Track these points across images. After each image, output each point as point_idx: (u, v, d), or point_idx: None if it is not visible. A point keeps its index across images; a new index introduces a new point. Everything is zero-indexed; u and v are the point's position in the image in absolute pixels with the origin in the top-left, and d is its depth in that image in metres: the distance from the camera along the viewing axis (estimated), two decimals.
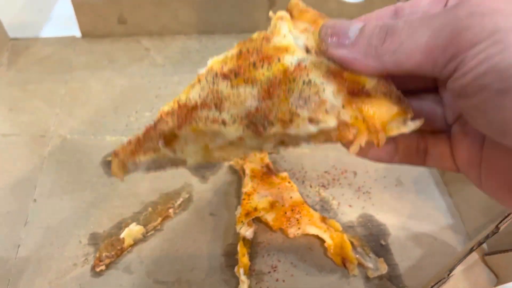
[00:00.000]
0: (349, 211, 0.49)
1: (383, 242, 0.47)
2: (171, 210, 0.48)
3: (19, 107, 0.60)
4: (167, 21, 0.70)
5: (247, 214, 0.43)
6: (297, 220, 0.44)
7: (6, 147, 0.54)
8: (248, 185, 0.46)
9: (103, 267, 0.44)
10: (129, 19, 0.69)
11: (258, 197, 0.45)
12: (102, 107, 0.60)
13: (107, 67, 0.66)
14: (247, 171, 0.48)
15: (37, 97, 0.61)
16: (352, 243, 0.45)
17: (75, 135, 0.56)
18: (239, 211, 0.46)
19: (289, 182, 0.47)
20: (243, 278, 0.42)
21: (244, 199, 0.45)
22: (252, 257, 0.45)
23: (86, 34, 0.70)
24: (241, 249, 0.43)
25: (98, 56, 0.68)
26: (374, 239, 0.47)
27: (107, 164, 0.53)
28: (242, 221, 0.43)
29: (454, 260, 0.42)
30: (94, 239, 0.46)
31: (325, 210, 0.49)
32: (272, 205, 0.44)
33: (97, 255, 0.44)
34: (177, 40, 0.71)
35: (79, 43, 0.70)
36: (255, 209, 0.44)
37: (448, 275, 0.37)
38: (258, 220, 0.46)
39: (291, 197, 0.45)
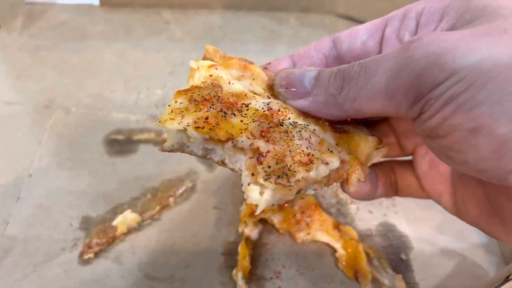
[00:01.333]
0: (369, 217, 0.44)
1: (403, 257, 0.41)
2: (171, 199, 0.44)
3: (27, 74, 0.56)
4: None
5: (252, 214, 0.39)
6: (307, 224, 0.39)
7: (8, 116, 0.51)
8: None
9: (91, 255, 0.40)
10: None
11: None
12: (112, 80, 0.56)
13: (123, 38, 0.62)
14: None
15: (46, 65, 0.58)
16: (367, 255, 0.40)
17: (81, 109, 0.52)
18: (244, 207, 0.41)
19: None
20: (240, 283, 0.37)
21: None
22: (254, 260, 0.40)
23: (105, 2, 0.66)
24: (242, 250, 0.39)
25: (114, 26, 0.64)
26: (394, 252, 0.41)
27: (110, 142, 0.49)
28: (245, 222, 0.39)
29: (485, 286, 0.36)
30: (86, 223, 0.42)
31: (341, 214, 0.44)
32: (281, 206, 0.39)
33: (87, 241, 0.41)
34: (200, 15, 0.66)
35: (97, 12, 0.66)
36: None
37: None
38: (264, 221, 0.41)
39: (302, 198, 0.40)
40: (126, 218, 0.42)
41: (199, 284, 0.39)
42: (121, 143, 0.49)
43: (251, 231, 0.40)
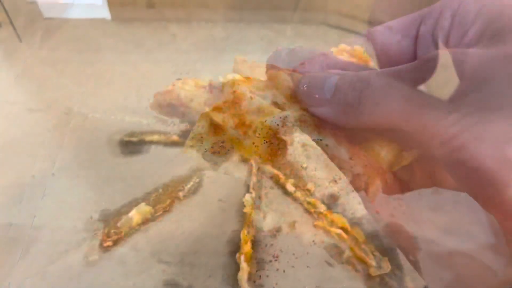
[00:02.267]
0: (376, 217, 0.44)
1: (411, 258, 0.41)
2: (180, 193, 0.49)
3: (48, 84, 0.62)
4: (194, 8, 0.71)
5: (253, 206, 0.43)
6: None
7: (32, 122, 0.57)
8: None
9: (110, 243, 0.45)
10: (157, 4, 0.70)
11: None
12: (124, 89, 0.61)
13: (133, 51, 0.67)
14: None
15: (65, 76, 0.63)
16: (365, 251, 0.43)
17: (97, 114, 0.58)
18: (247, 198, 0.46)
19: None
20: (243, 265, 0.42)
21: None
22: (255, 245, 0.45)
23: (116, 17, 0.72)
24: (243, 236, 0.44)
25: (125, 39, 0.69)
26: (402, 253, 0.43)
27: (124, 144, 0.54)
28: (247, 212, 0.43)
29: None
30: (105, 216, 0.47)
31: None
32: None
33: (106, 231, 0.46)
34: (204, 28, 0.72)
35: (109, 26, 0.71)
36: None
37: None
38: None
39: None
40: (141, 211, 0.47)
41: (206, 267, 0.43)
42: (134, 145, 0.54)
43: (252, 221, 0.44)
